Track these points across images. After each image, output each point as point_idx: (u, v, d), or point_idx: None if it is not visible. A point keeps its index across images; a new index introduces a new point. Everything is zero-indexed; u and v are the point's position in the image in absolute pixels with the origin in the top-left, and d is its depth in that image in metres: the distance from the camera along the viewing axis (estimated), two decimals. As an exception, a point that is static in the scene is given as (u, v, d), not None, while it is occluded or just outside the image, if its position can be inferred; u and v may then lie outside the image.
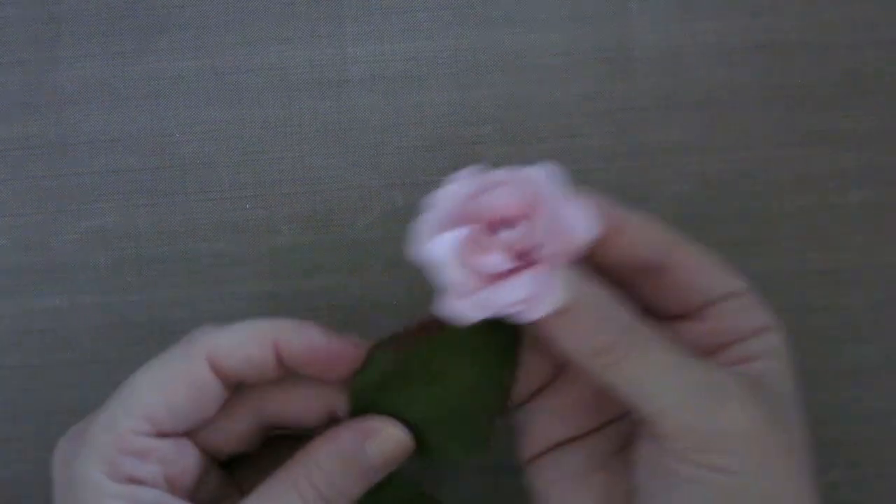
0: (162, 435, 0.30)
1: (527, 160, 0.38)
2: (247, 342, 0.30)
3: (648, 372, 0.28)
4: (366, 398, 0.31)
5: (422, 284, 0.36)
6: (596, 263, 0.30)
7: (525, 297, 0.26)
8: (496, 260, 0.26)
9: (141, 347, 0.38)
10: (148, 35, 0.39)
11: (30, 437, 0.34)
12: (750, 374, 0.29)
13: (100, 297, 0.39)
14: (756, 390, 0.28)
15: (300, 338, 0.31)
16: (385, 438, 0.30)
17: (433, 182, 0.38)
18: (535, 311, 0.26)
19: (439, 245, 0.27)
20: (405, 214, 0.38)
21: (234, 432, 0.32)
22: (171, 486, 0.30)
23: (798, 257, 0.39)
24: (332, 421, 0.32)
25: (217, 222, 0.39)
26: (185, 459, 0.31)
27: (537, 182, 0.27)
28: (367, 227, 0.39)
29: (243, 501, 0.29)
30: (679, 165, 0.39)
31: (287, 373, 0.31)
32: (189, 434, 0.31)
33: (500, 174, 0.27)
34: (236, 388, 0.31)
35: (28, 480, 0.31)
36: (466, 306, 0.26)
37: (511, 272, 0.26)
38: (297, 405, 0.32)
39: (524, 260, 0.27)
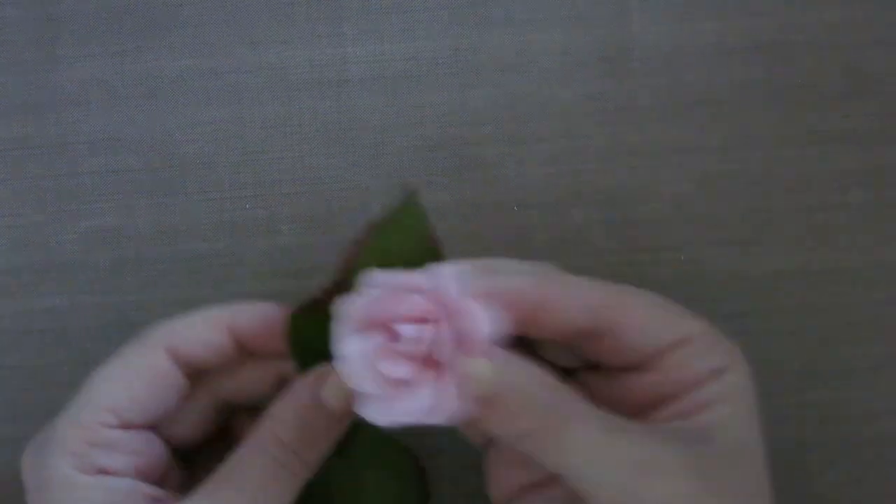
0: (128, 427, 0.30)
1: (527, 160, 0.39)
2: (202, 328, 0.31)
3: (575, 451, 0.27)
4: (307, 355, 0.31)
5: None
6: (530, 339, 0.31)
7: (427, 406, 0.27)
8: (401, 368, 0.27)
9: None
10: (147, 35, 0.39)
11: (30, 437, 0.34)
12: (698, 429, 0.28)
13: (100, 297, 0.39)
14: (699, 456, 0.27)
15: (254, 317, 0.31)
16: (337, 379, 0.29)
17: (433, 182, 0.38)
18: (438, 418, 0.27)
19: (350, 349, 0.27)
20: (405, 214, 0.38)
21: (193, 418, 0.32)
22: (142, 477, 0.30)
23: (798, 257, 0.39)
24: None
25: (217, 222, 0.39)
26: (152, 451, 0.31)
27: (441, 287, 0.27)
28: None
29: (217, 471, 0.29)
30: (679, 165, 0.39)
31: (247, 355, 0.32)
32: (153, 426, 0.31)
33: (412, 279, 0.28)
34: (196, 375, 0.32)
35: (28, 480, 0.31)
36: (376, 411, 0.27)
37: (417, 377, 0.27)
38: (248, 377, 0.33)
39: (431, 365, 0.27)
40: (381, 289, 0.28)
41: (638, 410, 0.30)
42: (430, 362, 0.27)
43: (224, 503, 0.29)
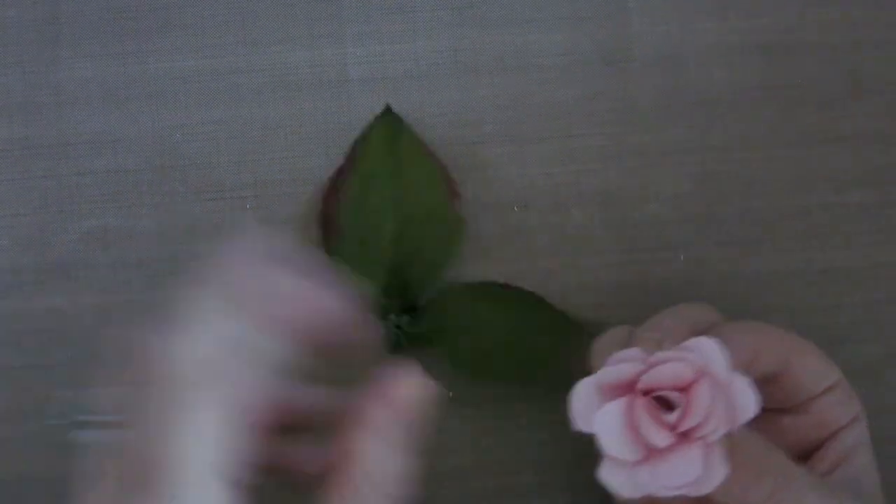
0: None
1: (527, 160, 0.39)
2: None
3: None
4: None
5: (420, 283, 0.37)
6: None
7: (696, 476, 0.26)
8: (663, 436, 0.26)
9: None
10: (148, 35, 0.39)
11: (30, 436, 0.34)
12: (852, 477, 0.31)
13: (100, 297, 0.39)
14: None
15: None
16: (408, 387, 0.27)
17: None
18: (702, 489, 0.27)
19: (605, 416, 0.27)
20: (405, 214, 0.39)
21: None
22: None
23: (798, 257, 0.39)
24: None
25: (218, 222, 0.39)
26: None
27: (706, 358, 0.27)
28: (367, 227, 0.39)
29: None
30: (679, 165, 0.39)
31: None
32: None
33: (667, 354, 0.27)
34: None
35: (29, 480, 0.31)
36: (623, 482, 0.27)
37: (670, 448, 0.27)
38: None
39: (683, 437, 0.27)
40: (638, 362, 0.27)
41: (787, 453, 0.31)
42: (685, 432, 0.27)
43: None
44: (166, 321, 0.26)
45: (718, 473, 0.26)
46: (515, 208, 0.39)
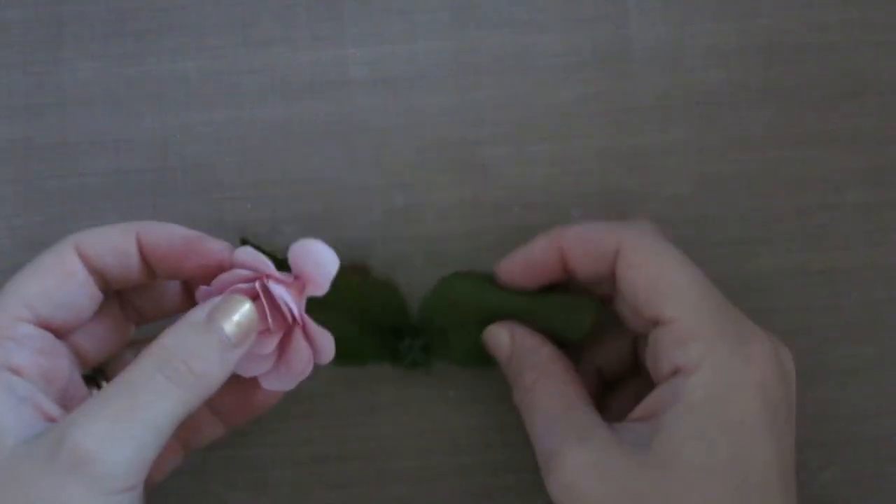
0: (41, 325, 0.31)
1: (527, 160, 0.39)
2: (110, 232, 0.32)
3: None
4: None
5: (421, 283, 0.37)
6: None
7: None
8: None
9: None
10: (150, 37, 0.39)
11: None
12: (644, 433, 0.30)
13: (102, 297, 0.39)
14: (636, 464, 0.29)
15: (162, 230, 0.32)
16: (233, 308, 0.30)
17: (433, 182, 0.38)
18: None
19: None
20: (405, 214, 0.39)
21: (104, 329, 0.33)
22: (45, 384, 0.31)
23: (798, 257, 0.39)
24: None
25: (218, 223, 0.39)
26: (59, 357, 0.31)
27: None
28: (367, 227, 0.39)
29: (111, 383, 0.30)
30: (679, 165, 0.39)
31: (150, 279, 0.33)
32: (63, 336, 0.32)
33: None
34: (108, 294, 0.33)
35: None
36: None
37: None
38: (158, 290, 0.34)
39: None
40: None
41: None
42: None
43: (108, 409, 0.28)
44: None
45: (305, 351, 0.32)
46: (515, 208, 0.39)
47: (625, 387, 0.36)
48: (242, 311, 0.30)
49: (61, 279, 0.31)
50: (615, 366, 0.36)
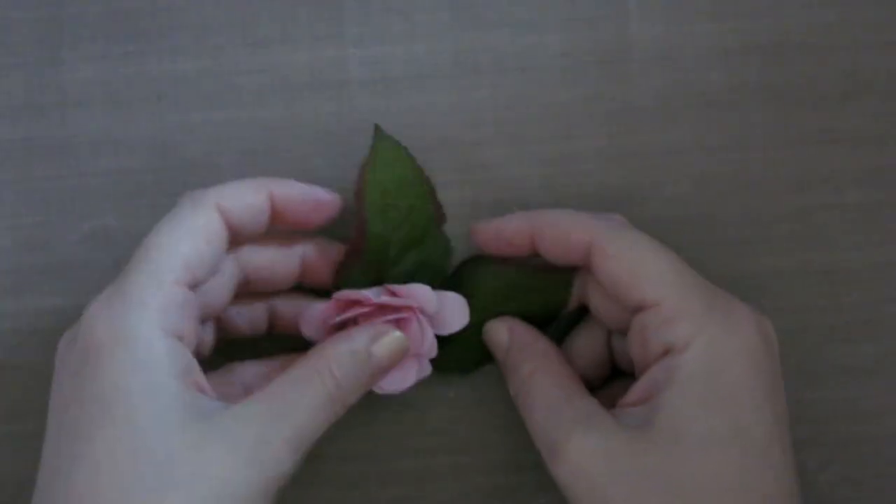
0: (195, 286, 0.32)
1: (527, 160, 0.39)
2: (247, 190, 0.33)
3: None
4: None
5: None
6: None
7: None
8: None
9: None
10: (150, 37, 0.39)
11: (30, 436, 0.34)
12: (644, 414, 0.31)
13: (102, 298, 0.39)
14: (638, 441, 0.30)
15: (292, 186, 0.34)
16: (391, 339, 0.33)
17: (433, 182, 0.38)
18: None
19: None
20: (404, 214, 0.39)
21: (222, 287, 0.34)
22: (194, 347, 0.32)
23: (798, 257, 0.39)
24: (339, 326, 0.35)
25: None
26: (199, 318, 0.33)
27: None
28: (367, 227, 0.39)
29: (274, 386, 0.31)
30: (679, 165, 0.39)
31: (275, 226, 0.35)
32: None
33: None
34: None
35: (29, 479, 0.31)
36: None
37: None
38: (273, 256, 0.35)
39: None
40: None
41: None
42: None
43: (279, 418, 0.30)
44: None
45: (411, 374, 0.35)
46: (515, 208, 0.39)
47: (609, 388, 0.36)
48: (394, 341, 0.33)
49: (210, 239, 0.32)
50: (593, 370, 0.36)
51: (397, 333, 0.33)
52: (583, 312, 0.37)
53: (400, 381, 0.35)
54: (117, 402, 0.28)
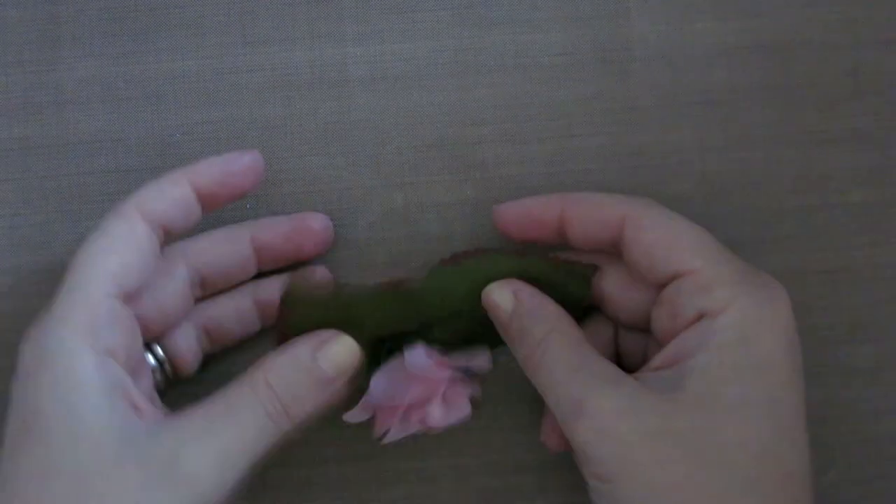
0: (125, 298, 0.31)
1: (527, 160, 0.39)
2: (166, 186, 0.32)
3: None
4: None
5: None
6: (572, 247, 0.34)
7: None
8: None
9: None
10: (148, 35, 0.39)
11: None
12: (673, 377, 0.30)
13: (101, 297, 0.39)
14: (668, 402, 0.29)
15: (211, 166, 0.33)
16: (340, 346, 0.32)
17: (433, 182, 0.38)
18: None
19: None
20: (405, 214, 0.39)
21: (172, 291, 0.33)
22: (127, 362, 0.31)
23: (798, 257, 0.39)
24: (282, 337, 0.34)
25: (218, 223, 0.39)
26: (135, 331, 0.32)
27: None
28: (367, 227, 0.39)
29: (204, 402, 0.30)
30: (679, 165, 0.39)
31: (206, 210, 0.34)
32: (130, 303, 0.32)
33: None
34: (164, 245, 0.33)
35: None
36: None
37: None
38: (221, 248, 0.35)
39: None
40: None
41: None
42: None
43: (217, 436, 0.29)
44: None
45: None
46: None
47: None
48: (343, 349, 0.32)
49: (136, 247, 0.31)
50: None
51: (347, 339, 0.32)
52: (588, 311, 0.36)
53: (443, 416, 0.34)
54: (37, 423, 0.29)
